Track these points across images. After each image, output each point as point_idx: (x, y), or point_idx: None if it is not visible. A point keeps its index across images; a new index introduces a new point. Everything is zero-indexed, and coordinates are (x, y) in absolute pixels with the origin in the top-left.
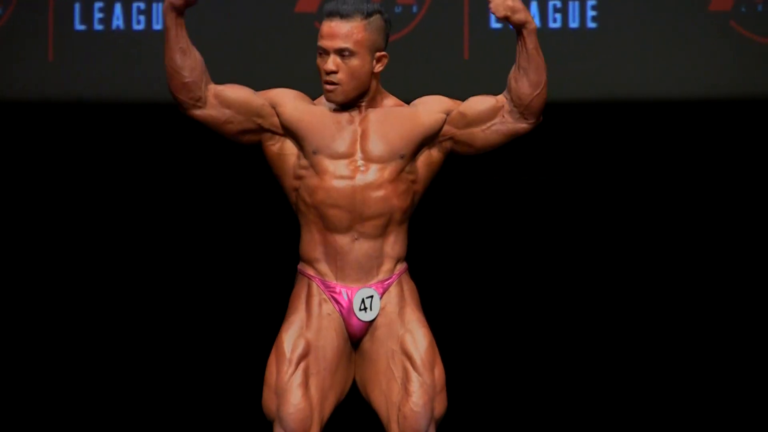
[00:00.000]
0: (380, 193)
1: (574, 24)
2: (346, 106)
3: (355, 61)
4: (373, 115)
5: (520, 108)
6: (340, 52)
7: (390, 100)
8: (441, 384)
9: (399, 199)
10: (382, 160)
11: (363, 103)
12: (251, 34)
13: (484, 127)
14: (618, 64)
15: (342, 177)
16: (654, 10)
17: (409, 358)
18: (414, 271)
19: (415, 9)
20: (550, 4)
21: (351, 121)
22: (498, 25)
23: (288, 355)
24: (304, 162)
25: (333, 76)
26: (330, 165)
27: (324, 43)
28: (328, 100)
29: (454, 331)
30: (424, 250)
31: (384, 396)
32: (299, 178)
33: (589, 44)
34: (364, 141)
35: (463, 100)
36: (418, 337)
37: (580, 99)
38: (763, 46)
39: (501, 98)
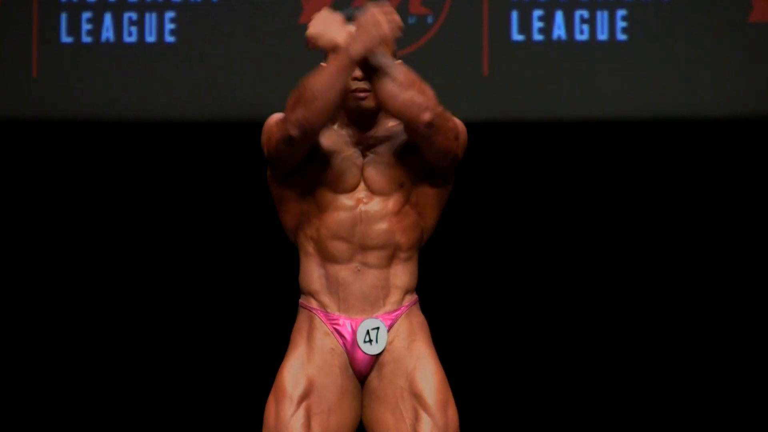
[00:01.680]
0: (383, 225)
1: (602, 36)
2: (359, 122)
3: None
4: (378, 141)
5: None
6: None
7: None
8: (454, 426)
9: (404, 234)
10: (386, 192)
11: (372, 121)
12: (255, 45)
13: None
14: (650, 80)
15: (345, 209)
16: (689, 21)
17: (419, 397)
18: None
19: (430, 19)
20: (577, 14)
21: (355, 149)
22: (520, 38)
23: (289, 393)
24: (307, 197)
25: (365, 82)
26: (331, 198)
27: None
28: (359, 108)
29: (463, 364)
30: (428, 277)
31: None
32: (302, 213)
33: (619, 58)
34: (367, 171)
35: (481, 118)
36: (428, 375)
37: (609, 117)
38: None
39: None
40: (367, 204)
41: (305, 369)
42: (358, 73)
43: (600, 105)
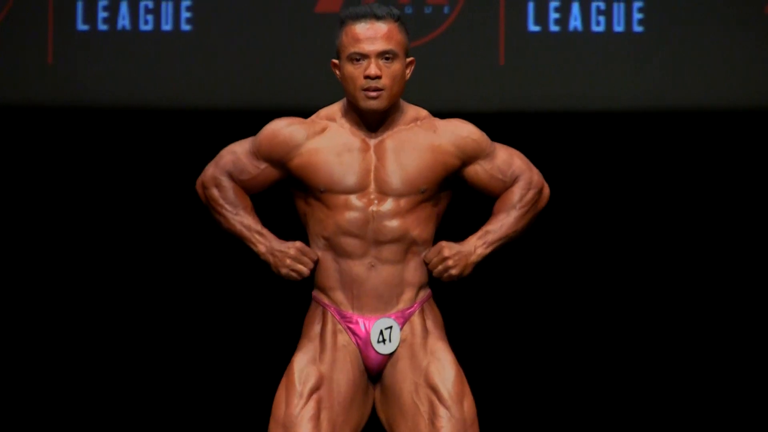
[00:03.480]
0: (396, 223)
1: (619, 28)
2: (368, 121)
3: (397, 65)
4: (391, 141)
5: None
6: (383, 55)
7: (410, 112)
8: (471, 417)
9: (419, 228)
10: (398, 194)
11: (383, 121)
12: (270, 34)
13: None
14: (666, 72)
15: (354, 209)
16: (705, 13)
17: (435, 391)
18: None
19: (446, 9)
20: (593, 5)
21: (365, 149)
22: (537, 28)
23: (299, 387)
24: (311, 196)
25: (378, 81)
26: (340, 199)
27: (363, 47)
28: (369, 107)
29: (479, 358)
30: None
31: None
32: (309, 205)
33: (636, 50)
34: (379, 173)
35: (497, 108)
36: (444, 368)
37: (624, 109)
38: None
39: (515, 189)
40: (379, 204)
41: (316, 363)
42: (371, 71)
43: (615, 97)
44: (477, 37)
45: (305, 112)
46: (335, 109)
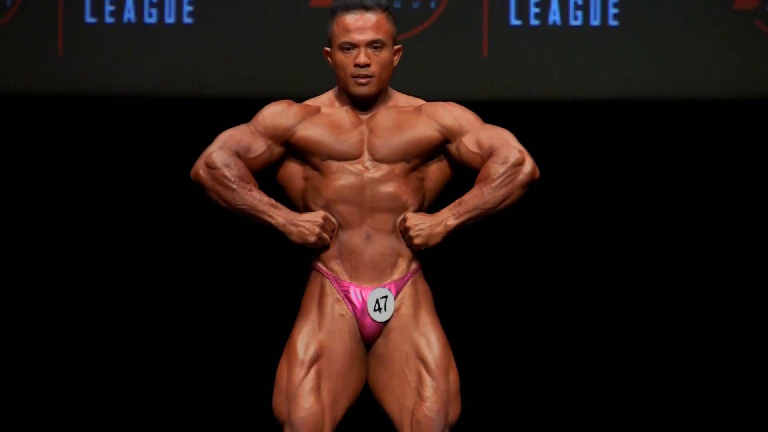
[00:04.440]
0: (390, 188)
1: (595, 22)
2: (359, 104)
3: (385, 53)
4: (381, 117)
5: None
6: (372, 44)
7: (402, 99)
8: (455, 389)
9: (410, 195)
10: (388, 161)
11: (372, 103)
12: (267, 28)
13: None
14: (640, 64)
15: (350, 174)
16: (678, 9)
17: (424, 362)
18: (426, 272)
19: (433, 4)
20: (571, 1)
21: (357, 123)
22: (518, 22)
23: (300, 357)
24: (309, 167)
25: (367, 69)
26: (337, 166)
27: (353, 36)
28: (359, 93)
29: (465, 334)
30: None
31: (397, 400)
32: (306, 179)
33: (611, 43)
34: (371, 143)
35: (480, 98)
36: (432, 341)
37: (600, 98)
38: None
39: (489, 163)
40: (373, 171)
41: (316, 334)
42: (361, 59)
43: (592, 86)
44: (462, 31)
45: (301, 100)
46: (324, 99)
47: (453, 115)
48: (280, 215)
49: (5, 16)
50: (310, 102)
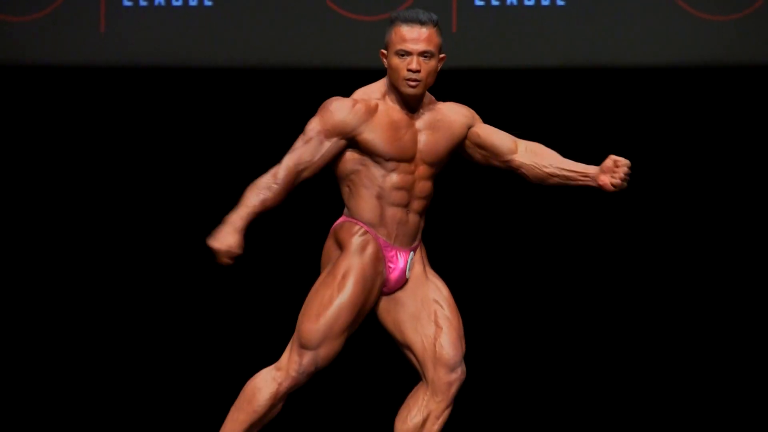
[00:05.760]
0: (429, 182)
1: (545, 2)
2: (408, 103)
3: (432, 62)
4: (424, 119)
5: (520, 173)
6: (423, 54)
7: (431, 97)
8: (462, 325)
9: (433, 187)
10: (431, 162)
11: (420, 102)
12: (283, 22)
13: (484, 152)
14: (581, 37)
15: (405, 172)
16: None
17: (438, 303)
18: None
19: None
20: None
21: (410, 124)
22: (482, 3)
23: (354, 303)
24: (368, 158)
25: (417, 74)
26: (394, 164)
27: (408, 46)
28: (408, 92)
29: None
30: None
31: (420, 335)
32: (363, 165)
33: (557, 20)
34: (422, 147)
35: (452, 67)
36: (440, 287)
37: (550, 65)
38: (700, 19)
39: (515, 149)
40: (421, 169)
41: (366, 285)
42: (413, 66)
43: (544, 55)
44: (433, 10)
45: (307, 70)
46: (376, 92)
47: (471, 114)
48: (225, 230)
49: (57, 1)
50: (364, 95)
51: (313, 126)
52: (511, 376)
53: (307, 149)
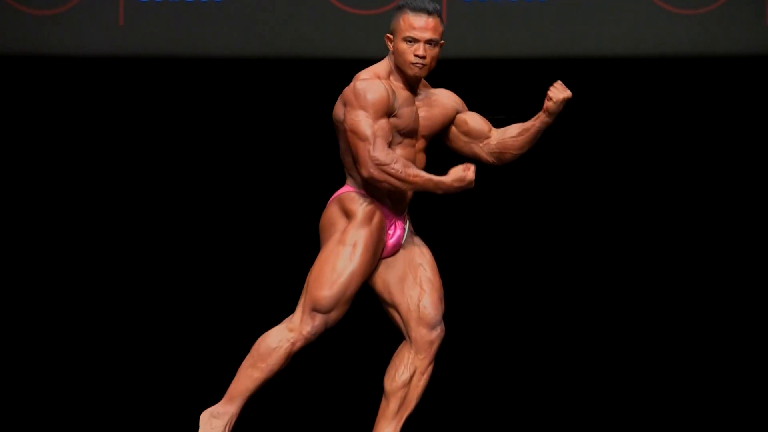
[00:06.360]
0: (424, 155)
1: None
2: (410, 84)
3: (436, 48)
4: (421, 98)
5: (496, 153)
6: (429, 41)
7: (422, 81)
8: (442, 287)
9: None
10: (428, 136)
11: (417, 83)
12: (283, 7)
13: (467, 139)
14: (561, 30)
15: (409, 146)
16: None
17: (422, 266)
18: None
19: None
20: None
21: (413, 102)
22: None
23: (365, 273)
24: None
25: (423, 59)
26: (402, 138)
27: (416, 33)
28: (414, 74)
29: (463, 326)
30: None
31: (405, 296)
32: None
33: (540, 14)
34: (423, 123)
35: (443, 56)
36: (425, 252)
37: (534, 56)
38: (670, 13)
39: (492, 131)
40: (421, 143)
41: (373, 255)
42: (419, 52)
43: (528, 46)
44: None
45: (306, 59)
46: (379, 69)
47: (460, 100)
48: (443, 185)
49: None
50: (374, 74)
51: (360, 115)
52: (511, 376)
53: (379, 126)
